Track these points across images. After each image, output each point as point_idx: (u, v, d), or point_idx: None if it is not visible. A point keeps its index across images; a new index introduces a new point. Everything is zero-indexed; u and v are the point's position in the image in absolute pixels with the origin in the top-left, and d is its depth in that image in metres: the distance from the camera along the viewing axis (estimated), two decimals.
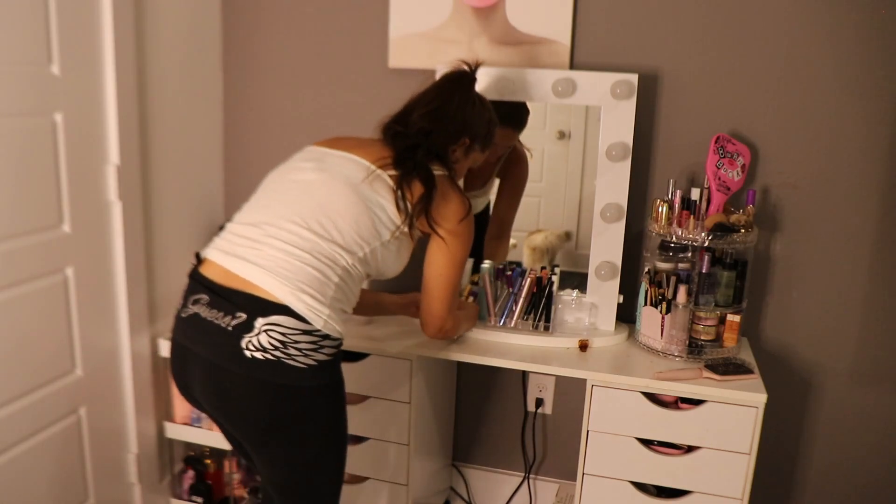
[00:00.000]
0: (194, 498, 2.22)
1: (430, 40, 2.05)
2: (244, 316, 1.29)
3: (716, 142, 1.82)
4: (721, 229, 1.76)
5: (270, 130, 2.29)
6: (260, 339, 1.27)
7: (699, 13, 1.89)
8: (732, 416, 1.66)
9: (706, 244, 1.76)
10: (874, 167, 1.87)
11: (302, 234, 1.34)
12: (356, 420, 1.92)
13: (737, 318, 1.82)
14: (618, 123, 1.84)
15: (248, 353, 1.28)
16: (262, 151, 2.31)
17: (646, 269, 1.91)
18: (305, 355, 1.30)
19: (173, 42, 2.06)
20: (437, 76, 1.58)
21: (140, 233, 1.98)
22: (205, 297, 1.34)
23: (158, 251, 2.09)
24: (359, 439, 1.95)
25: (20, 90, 1.61)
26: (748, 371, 1.73)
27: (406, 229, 1.45)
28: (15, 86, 1.60)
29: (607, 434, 1.75)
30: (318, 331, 1.31)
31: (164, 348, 2.10)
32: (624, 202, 1.88)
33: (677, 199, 1.83)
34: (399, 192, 1.42)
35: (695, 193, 1.83)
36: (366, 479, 1.97)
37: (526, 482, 2.30)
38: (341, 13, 2.14)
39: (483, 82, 1.91)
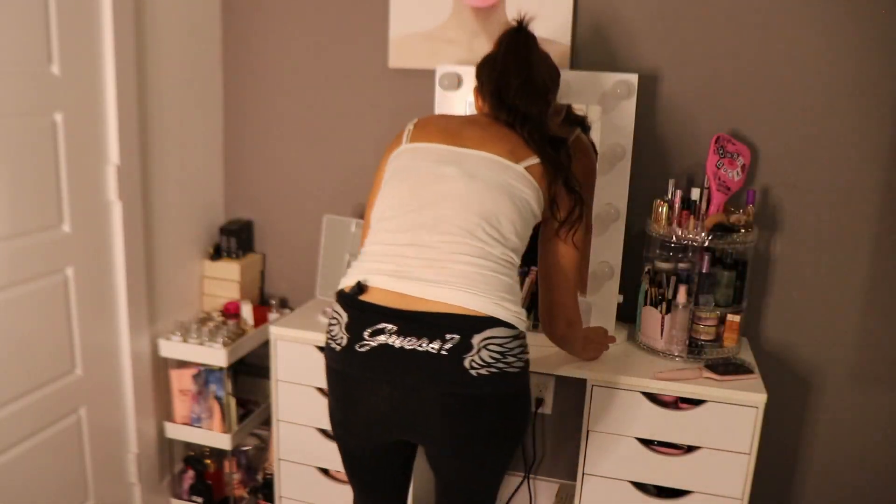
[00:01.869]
0: (194, 498, 2.22)
1: (430, 40, 2.05)
2: (457, 337, 1.25)
3: (716, 142, 1.82)
4: (721, 229, 1.76)
5: (270, 130, 2.29)
6: (482, 356, 1.26)
7: (699, 13, 1.89)
8: (732, 416, 1.66)
9: (706, 244, 1.76)
10: (874, 167, 1.87)
11: (476, 244, 1.30)
12: None
13: (737, 318, 1.82)
14: (617, 123, 1.84)
15: (473, 373, 1.25)
16: (261, 151, 2.31)
17: (646, 269, 1.91)
18: (518, 358, 1.31)
19: (173, 42, 2.06)
20: (495, 41, 1.52)
21: (140, 233, 1.98)
22: (390, 327, 1.27)
23: (158, 251, 2.09)
24: None
25: (20, 90, 1.62)
26: (748, 371, 1.73)
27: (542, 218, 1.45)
28: (15, 86, 1.60)
29: (607, 434, 1.75)
30: (522, 332, 1.33)
31: (164, 348, 2.10)
32: (623, 202, 1.88)
33: (677, 199, 1.83)
34: (549, 195, 1.41)
35: (695, 193, 1.83)
36: None
37: (526, 482, 2.30)
38: (341, 13, 2.14)
39: None
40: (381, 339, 1.27)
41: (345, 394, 1.37)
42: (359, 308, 1.30)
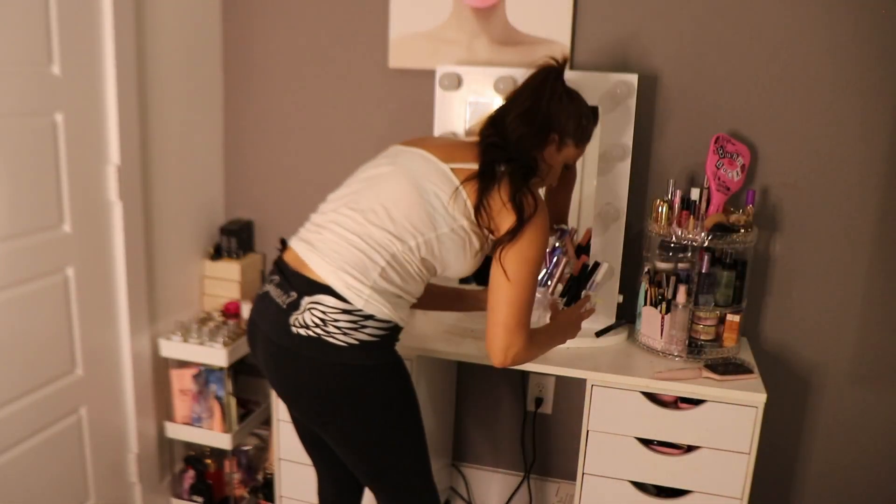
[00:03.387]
0: (195, 498, 2.22)
1: (430, 40, 2.06)
2: (295, 295, 1.37)
3: (715, 142, 1.82)
4: (721, 229, 1.76)
5: (270, 130, 2.29)
6: (304, 317, 1.35)
7: (698, 13, 1.89)
8: (732, 415, 1.66)
9: (706, 244, 1.76)
10: (873, 167, 1.87)
11: (356, 218, 1.39)
12: None
13: (736, 318, 1.83)
14: (617, 123, 1.85)
15: (293, 330, 1.35)
16: (262, 151, 2.31)
17: (646, 269, 1.91)
18: (345, 333, 1.34)
19: (173, 42, 2.06)
20: (526, 76, 1.53)
21: (140, 233, 1.98)
22: (276, 278, 1.44)
23: (158, 251, 2.09)
24: None
25: (20, 90, 1.62)
26: (748, 371, 1.73)
27: (463, 223, 1.41)
28: (15, 86, 1.60)
29: (607, 434, 1.75)
30: (359, 310, 1.34)
31: (165, 348, 2.10)
32: (623, 202, 1.88)
33: (677, 199, 1.83)
34: (479, 205, 1.39)
35: (695, 193, 1.83)
36: None
37: (526, 482, 2.30)
38: (341, 13, 2.14)
39: (483, 82, 1.92)
40: (267, 287, 1.45)
41: (247, 333, 1.53)
42: (275, 262, 1.50)
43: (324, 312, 1.34)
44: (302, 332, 1.35)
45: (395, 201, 1.39)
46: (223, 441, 2.13)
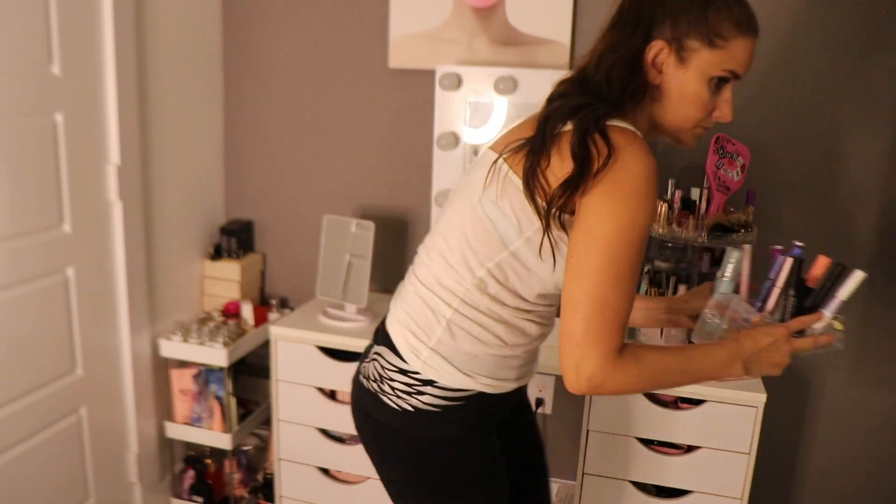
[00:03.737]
0: (195, 498, 2.22)
1: (430, 40, 2.05)
2: (371, 341, 1.22)
3: (716, 142, 1.81)
4: (721, 229, 1.76)
5: (270, 130, 2.29)
6: (368, 367, 1.18)
7: None
8: (732, 415, 1.66)
9: (706, 244, 1.76)
10: (873, 167, 1.87)
11: (424, 264, 1.14)
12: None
13: None
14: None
15: (360, 378, 1.19)
16: (262, 151, 2.31)
17: (645, 269, 1.91)
18: (398, 396, 1.10)
19: (173, 42, 2.06)
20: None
21: (140, 233, 1.98)
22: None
23: (158, 251, 2.09)
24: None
25: (20, 90, 1.62)
26: None
27: (540, 225, 1.00)
28: (15, 86, 1.60)
29: (607, 434, 1.75)
30: (416, 373, 1.09)
31: (165, 348, 2.10)
32: None
33: (677, 199, 1.83)
34: (528, 185, 0.99)
35: (695, 193, 1.83)
36: (366, 478, 1.97)
37: None
38: (341, 13, 2.14)
39: (483, 82, 1.92)
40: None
41: None
42: None
43: (382, 367, 1.13)
44: (364, 382, 1.17)
45: (452, 227, 1.09)
46: (223, 441, 2.13)
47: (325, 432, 1.98)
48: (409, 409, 1.10)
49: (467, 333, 1.08)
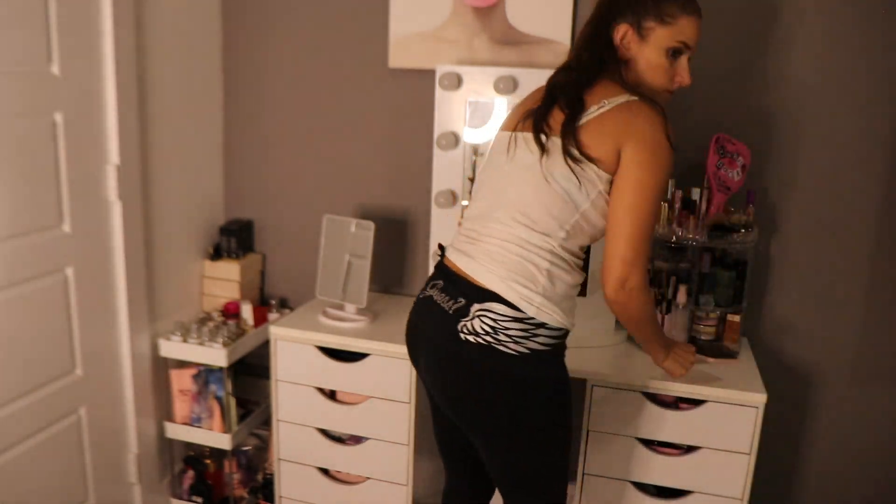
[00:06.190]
0: (194, 498, 2.22)
1: (430, 40, 2.05)
2: (463, 301, 1.35)
3: (716, 142, 1.82)
4: (721, 229, 1.76)
5: (270, 130, 2.29)
6: (473, 324, 1.32)
7: None
8: (732, 416, 1.66)
9: (706, 244, 1.76)
10: (874, 167, 1.87)
11: (506, 229, 1.36)
12: (356, 420, 1.92)
13: (737, 318, 1.82)
14: None
15: (462, 336, 1.33)
16: (261, 151, 2.31)
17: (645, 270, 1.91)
18: (516, 342, 1.31)
19: (173, 42, 2.06)
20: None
21: (140, 233, 1.98)
22: (440, 283, 1.42)
23: (158, 251, 2.09)
24: (359, 439, 1.96)
25: (20, 90, 1.62)
26: (731, 355, 1.81)
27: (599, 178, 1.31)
28: (15, 86, 1.60)
29: (607, 434, 1.75)
30: (532, 318, 1.31)
31: (164, 348, 2.10)
32: None
33: (677, 199, 1.83)
34: (537, 138, 1.33)
35: (695, 193, 1.83)
36: (366, 479, 1.97)
37: None
38: (341, 14, 2.14)
39: (483, 82, 1.92)
40: (430, 291, 1.43)
41: (407, 334, 1.52)
42: (437, 266, 1.48)
43: (494, 321, 1.31)
44: (471, 338, 1.32)
45: (530, 202, 1.34)
46: (223, 441, 2.13)
47: (324, 432, 1.98)
48: (527, 351, 1.31)
49: (560, 280, 1.35)
